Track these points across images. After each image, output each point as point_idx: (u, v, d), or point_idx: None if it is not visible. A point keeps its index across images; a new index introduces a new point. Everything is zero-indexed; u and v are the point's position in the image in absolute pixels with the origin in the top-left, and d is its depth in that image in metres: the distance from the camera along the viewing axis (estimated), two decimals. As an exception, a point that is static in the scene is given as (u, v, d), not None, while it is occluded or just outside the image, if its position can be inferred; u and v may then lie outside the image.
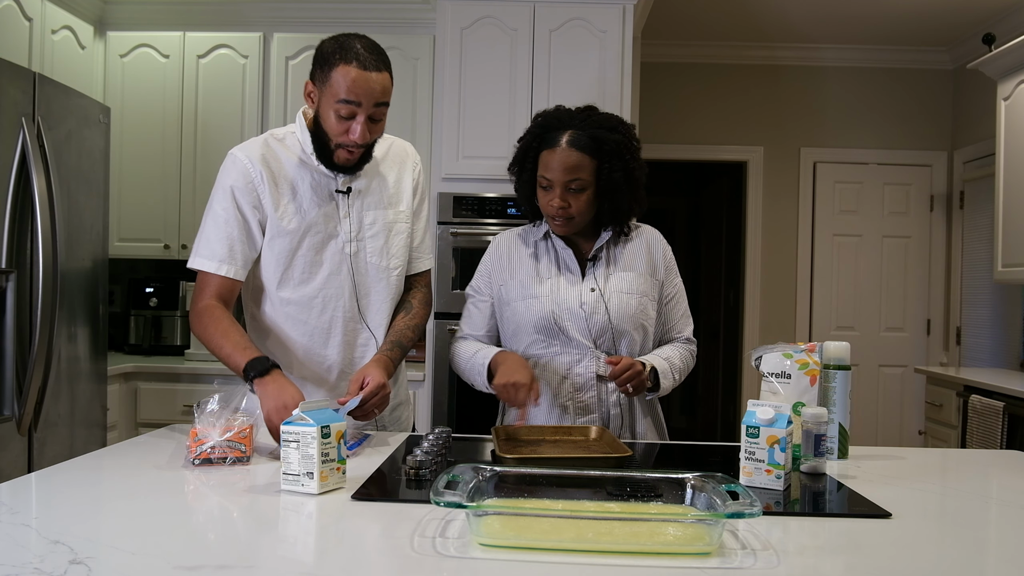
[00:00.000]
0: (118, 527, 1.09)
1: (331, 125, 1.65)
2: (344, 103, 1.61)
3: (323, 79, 1.63)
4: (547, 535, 1.02)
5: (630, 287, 1.80)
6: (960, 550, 1.09)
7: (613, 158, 1.74)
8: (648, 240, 1.89)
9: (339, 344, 1.78)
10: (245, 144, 1.77)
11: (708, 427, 6.18)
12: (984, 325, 4.50)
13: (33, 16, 3.17)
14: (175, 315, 3.70)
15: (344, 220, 1.76)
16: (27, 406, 2.41)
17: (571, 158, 1.72)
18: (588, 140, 1.73)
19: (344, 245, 1.76)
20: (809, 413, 1.45)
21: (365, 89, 1.60)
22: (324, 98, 1.64)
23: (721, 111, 4.90)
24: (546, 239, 1.86)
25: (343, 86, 1.60)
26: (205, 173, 3.63)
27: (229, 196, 1.71)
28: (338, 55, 1.61)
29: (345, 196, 1.76)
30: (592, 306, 1.77)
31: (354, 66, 1.59)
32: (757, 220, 4.90)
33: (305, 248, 1.73)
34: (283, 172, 1.73)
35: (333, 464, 1.27)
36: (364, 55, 1.61)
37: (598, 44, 3.28)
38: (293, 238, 1.72)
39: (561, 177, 1.73)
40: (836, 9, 4.22)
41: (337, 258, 1.75)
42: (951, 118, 4.84)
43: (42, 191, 2.42)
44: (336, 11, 3.64)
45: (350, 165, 1.72)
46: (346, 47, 1.61)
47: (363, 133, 1.64)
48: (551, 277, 1.82)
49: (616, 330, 1.77)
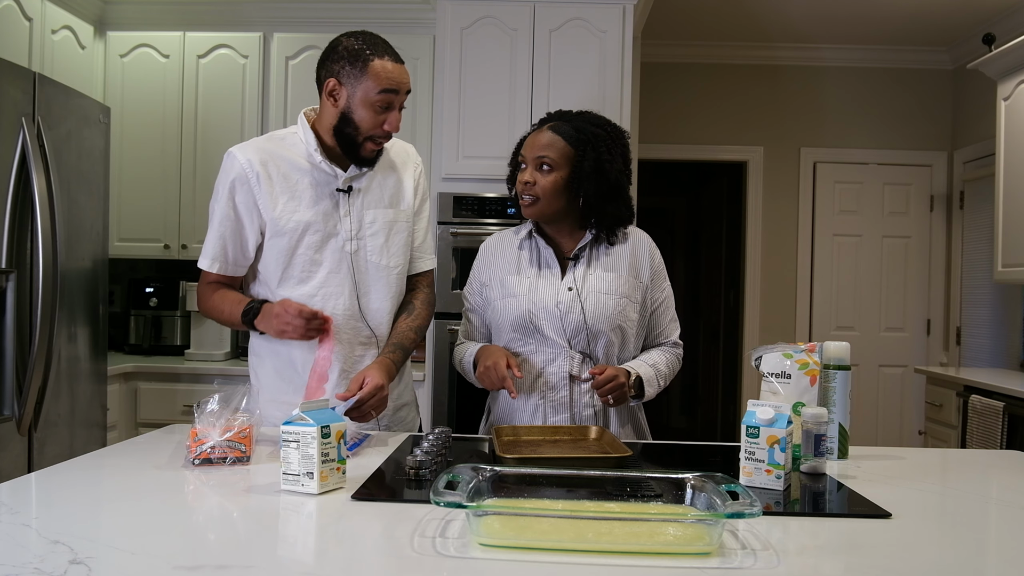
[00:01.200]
0: (118, 527, 1.09)
1: (365, 118, 1.69)
2: (385, 93, 1.67)
3: (356, 75, 1.68)
4: (547, 535, 1.02)
5: (609, 287, 1.79)
6: (960, 550, 1.09)
7: (587, 147, 1.77)
8: (634, 242, 1.88)
9: (340, 342, 1.78)
10: (243, 144, 1.79)
11: (708, 427, 6.18)
12: (984, 325, 4.50)
13: (33, 16, 3.17)
14: (175, 315, 3.70)
15: (344, 219, 1.77)
16: (27, 406, 2.41)
17: (545, 137, 1.78)
18: (569, 129, 1.78)
19: (344, 243, 1.77)
20: (809, 413, 1.45)
21: (400, 80, 1.69)
22: (358, 92, 1.68)
23: (721, 111, 4.90)
24: (530, 238, 1.87)
25: (383, 77, 1.67)
26: (205, 173, 3.63)
27: (225, 195, 1.74)
28: (369, 50, 1.68)
29: (346, 195, 1.77)
30: (568, 305, 1.77)
31: (388, 59, 1.68)
32: (757, 220, 4.90)
33: (304, 246, 1.74)
34: (281, 171, 1.74)
35: (333, 464, 1.27)
36: (392, 50, 1.71)
37: (598, 44, 3.28)
38: (292, 236, 1.73)
39: (531, 153, 1.78)
40: (836, 9, 4.22)
41: (337, 256, 1.76)
42: (951, 118, 4.84)
43: (42, 191, 2.42)
44: (336, 11, 3.64)
45: (373, 157, 1.77)
46: (374, 43, 1.69)
47: (398, 122, 1.72)
48: (530, 276, 1.83)
49: (591, 330, 1.77)
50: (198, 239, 3.62)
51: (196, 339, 3.57)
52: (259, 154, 1.74)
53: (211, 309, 1.80)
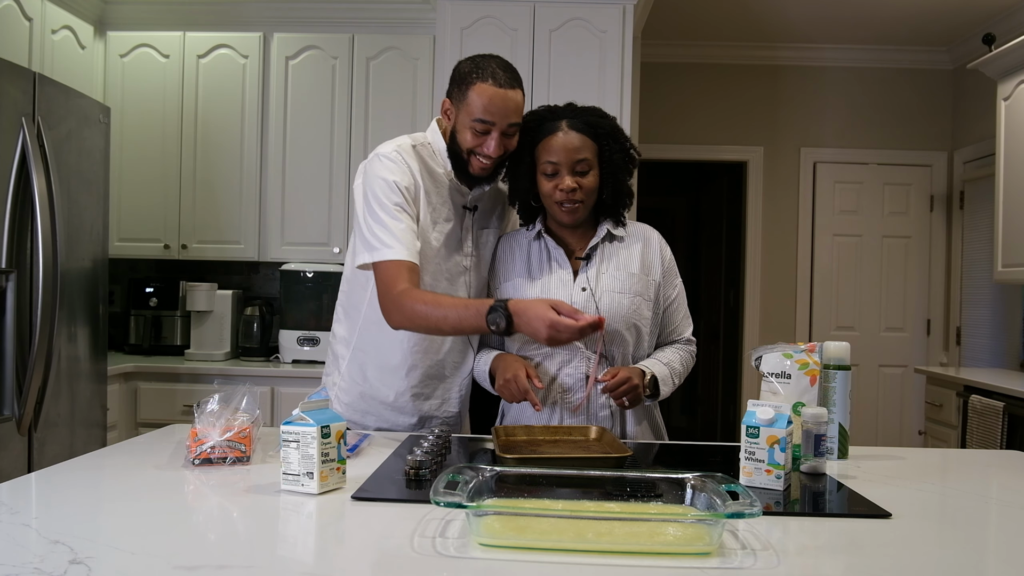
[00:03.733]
0: (118, 527, 1.09)
1: (466, 139, 1.73)
2: (479, 122, 1.69)
3: (460, 97, 1.72)
4: (547, 535, 1.02)
5: (622, 286, 1.78)
6: (960, 550, 1.09)
7: (611, 140, 1.77)
8: (644, 239, 1.87)
9: (447, 351, 1.84)
10: (399, 146, 1.78)
11: (708, 427, 6.18)
12: (984, 325, 4.50)
13: (33, 16, 3.17)
14: (175, 315, 3.70)
15: (467, 234, 1.84)
16: (27, 406, 2.41)
17: (575, 140, 1.74)
18: (584, 125, 1.76)
19: (464, 259, 1.84)
20: (809, 413, 1.45)
21: (501, 108, 1.68)
22: (461, 115, 1.72)
23: (721, 111, 4.89)
24: (539, 239, 1.85)
25: (479, 105, 1.68)
26: (205, 173, 3.63)
27: (397, 191, 1.71)
28: (475, 74, 1.69)
29: (471, 213, 1.84)
30: (582, 306, 1.75)
31: (490, 84, 1.68)
32: (757, 220, 4.90)
33: (440, 257, 1.79)
34: (433, 182, 1.79)
35: (333, 464, 1.27)
36: (500, 74, 1.69)
37: (598, 44, 3.28)
38: (434, 247, 1.78)
39: (567, 158, 1.73)
40: (836, 9, 4.22)
41: (457, 270, 1.83)
42: (951, 118, 4.84)
43: (42, 191, 2.42)
44: (336, 11, 3.64)
45: (485, 175, 1.78)
46: (482, 66, 1.70)
47: (496, 147, 1.71)
48: (542, 277, 1.81)
49: (607, 330, 1.75)
50: (198, 239, 3.65)
51: (196, 339, 3.57)
52: (419, 162, 1.78)
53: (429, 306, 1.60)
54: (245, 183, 3.62)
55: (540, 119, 1.80)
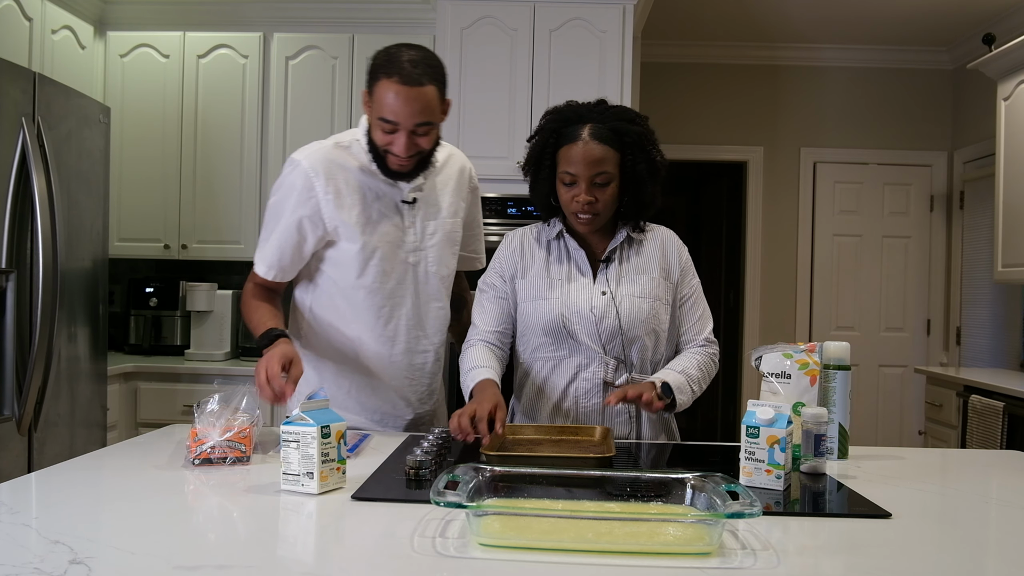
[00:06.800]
0: (118, 527, 1.09)
1: (377, 136, 1.66)
2: (384, 121, 1.61)
3: (371, 91, 1.64)
4: (547, 535, 1.02)
5: (642, 291, 1.75)
6: (960, 550, 1.09)
7: (636, 150, 1.70)
8: (663, 242, 1.83)
9: (402, 352, 1.82)
10: (310, 151, 1.75)
11: (708, 427, 6.18)
12: (984, 325, 4.50)
13: (33, 16, 3.17)
14: (175, 315, 3.70)
15: (408, 230, 1.78)
16: (27, 406, 2.41)
17: (595, 151, 1.66)
18: (609, 132, 1.68)
19: (408, 255, 1.78)
20: (809, 413, 1.45)
21: (404, 108, 1.57)
22: (373, 111, 1.64)
23: (721, 111, 4.89)
24: (559, 239, 1.80)
25: (383, 103, 1.59)
26: (205, 173, 3.63)
27: (289, 204, 1.73)
28: (382, 69, 1.59)
29: (411, 207, 1.77)
30: (602, 310, 1.72)
31: (395, 80, 1.57)
32: (757, 220, 4.90)
33: (377, 258, 1.75)
34: (350, 182, 1.73)
35: (333, 464, 1.27)
36: (407, 69, 1.57)
37: (598, 44, 3.28)
38: (365, 249, 1.74)
39: (586, 171, 1.67)
40: (836, 9, 4.22)
41: (402, 268, 1.78)
42: (951, 118, 4.84)
43: (42, 191, 2.42)
44: (336, 11, 3.64)
45: (404, 171, 1.70)
46: (392, 59, 1.59)
47: (405, 147, 1.62)
48: (561, 279, 1.77)
49: (627, 335, 1.73)
50: (198, 239, 3.65)
51: (196, 339, 3.57)
52: (325, 164, 1.72)
53: (247, 310, 1.80)
54: (245, 183, 3.62)
55: (563, 120, 1.72)
